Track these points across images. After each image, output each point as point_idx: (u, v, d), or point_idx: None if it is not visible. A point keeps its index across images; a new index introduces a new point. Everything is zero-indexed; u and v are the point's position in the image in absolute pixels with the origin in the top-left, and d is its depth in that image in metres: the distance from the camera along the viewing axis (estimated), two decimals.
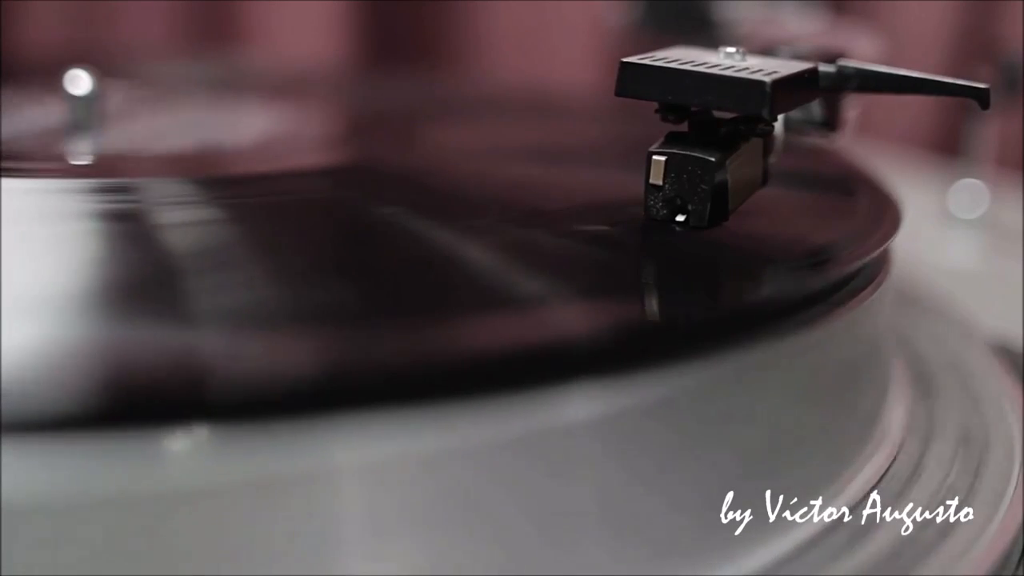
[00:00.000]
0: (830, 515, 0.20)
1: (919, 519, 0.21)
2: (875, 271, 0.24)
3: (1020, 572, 0.20)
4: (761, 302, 0.20)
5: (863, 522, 0.20)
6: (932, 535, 0.20)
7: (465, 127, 0.38)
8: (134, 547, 0.15)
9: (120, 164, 0.31)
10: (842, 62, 0.24)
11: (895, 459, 0.23)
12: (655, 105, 0.23)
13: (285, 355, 0.16)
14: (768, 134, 0.24)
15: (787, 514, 0.20)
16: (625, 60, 0.22)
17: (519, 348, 0.17)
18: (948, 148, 0.57)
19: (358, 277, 0.20)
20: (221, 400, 0.15)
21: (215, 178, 0.28)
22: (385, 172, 0.30)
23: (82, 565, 0.15)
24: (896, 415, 0.24)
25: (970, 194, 0.45)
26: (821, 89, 0.24)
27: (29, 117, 0.35)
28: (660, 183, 0.22)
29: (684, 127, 0.23)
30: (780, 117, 0.24)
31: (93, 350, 0.16)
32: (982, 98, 0.23)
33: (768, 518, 0.20)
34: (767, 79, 0.21)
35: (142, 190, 0.26)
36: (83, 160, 0.32)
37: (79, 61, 0.34)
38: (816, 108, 0.27)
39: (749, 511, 0.19)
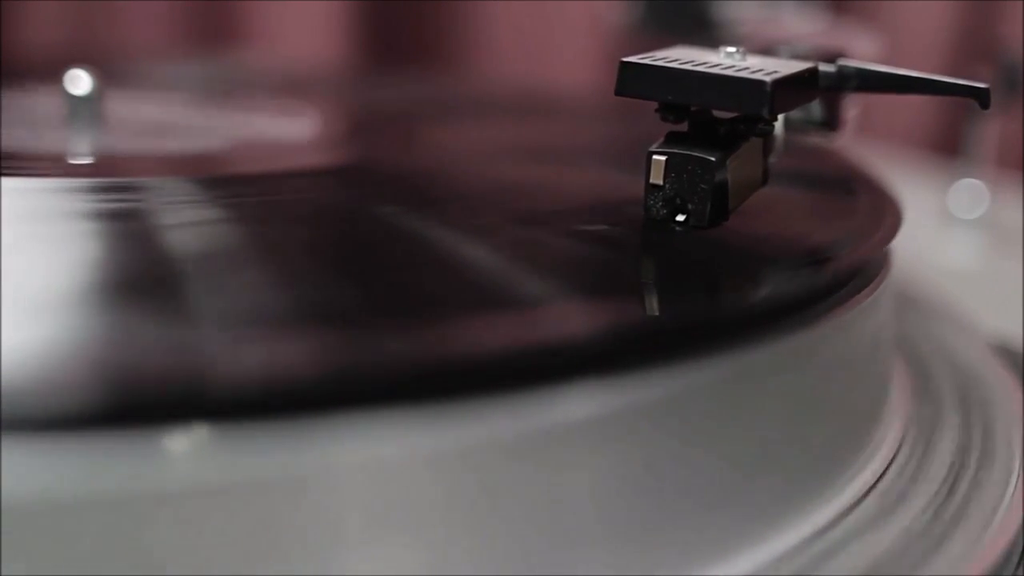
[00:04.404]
0: (830, 515, 0.20)
1: (919, 519, 0.21)
2: (875, 271, 0.24)
3: (1020, 572, 0.20)
4: (761, 302, 0.20)
5: (863, 522, 0.20)
6: (932, 535, 0.20)
7: (465, 127, 0.38)
8: (134, 547, 0.15)
9: (120, 164, 0.31)
10: (842, 62, 0.24)
11: (894, 459, 0.23)
12: (655, 105, 0.23)
13: (284, 355, 0.16)
14: (768, 134, 0.24)
15: (787, 514, 0.20)
16: (625, 60, 0.22)
17: (519, 348, 0.17)
18: (948, 148, 0.57)
19: (358, 277, 0.20)
20: (221, 400, 0.15)
21: (215, 178, 0.28)
22: (385, 172, 0.30)
23: (82, 565, 0.15)
24: (896, 415, 0.24)
25: (970, 194, 0.45)
26: (821, 89, 0.24)
27: (29, 117, 0.35)
28: (660, 183, 0.22)
29: (684, 127, 0.23)
30: (780, 117, 0.24)
31: (93, 350, 0.16)
32: (982, 98, 0.23)
33: (767, 518, 0.20)
34: (767, 79, 0.21)
35: (142, 190, 0.26)
36: (83, 160, 0.32)
37: (79, 61, 0.34)
38: (816, 108, 0.27)
39: (749, 511, 0.19)
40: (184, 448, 0.15)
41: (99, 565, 0.15)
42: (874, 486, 0.22)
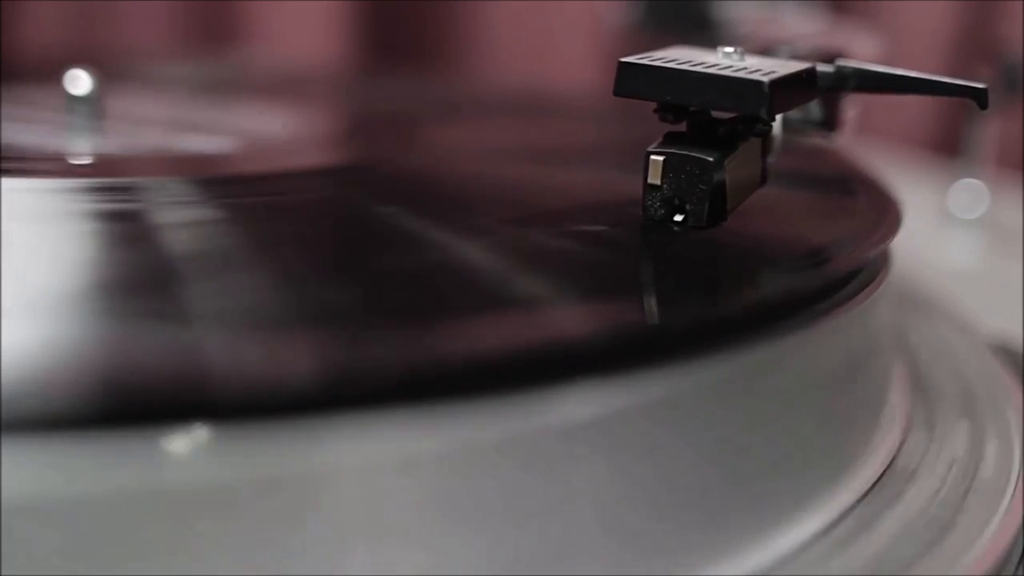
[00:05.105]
0: (830, 515, 0.20)
1: (918, 519, 0.21)
2: (875, 271, 0.24)
3: (1020, 572, 0.20)
4: (761, 302, 0.20)
5: (863, 522, 0.20)
6: (932, 534, 0.20)
7: (465, 127, 0.38)
8: (134, 547, 0.15)
9: (120, 164, 0.31)
10: (840, 62, 0.24)
11: (894, 459, 0.23)
12: (654, 105, 0.23)
13: (284, 355, 0.16)
14: (766, 134, 0.24)
15: (787, 514, 0.20)
16: (623, 60, 0.22)
17: (518, 348, 0.17)
18: (948, 148, 0.57)
19: (358, 277, 0.20)
20: (221, 400, 0.15)
21: (215, 178, 0.28)
22: (385, 172, 0.30)
23: (82, 565, 0.15)
24: (895, 415, 0.24)
25: (970, 194, 0.45)
26: (820, 89, 0.24)
27: (29, 117, 0.35)
28: (658, 183, 0.22)
29: (683, 127, 0.23)
30: (778, 117, 0.24)
31: (93, 350, 0.16)
32: (980, 98, 0.23)
33: (768, 518, 0.20)
34: (765, 79, 0.21)
35: (142, 190, 0.26)
36: (83, 160, 0.32)
37: (79, 61, 0.34)
38: (815, 108, 0.27)
39: (749, 511, 0.19)
40: (183, 449, 0.15)
41: (99, 565, 0.15)
42: (874, 486, 0.22)
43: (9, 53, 0.57)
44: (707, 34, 0.38)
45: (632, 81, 0.22)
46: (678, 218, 0.22)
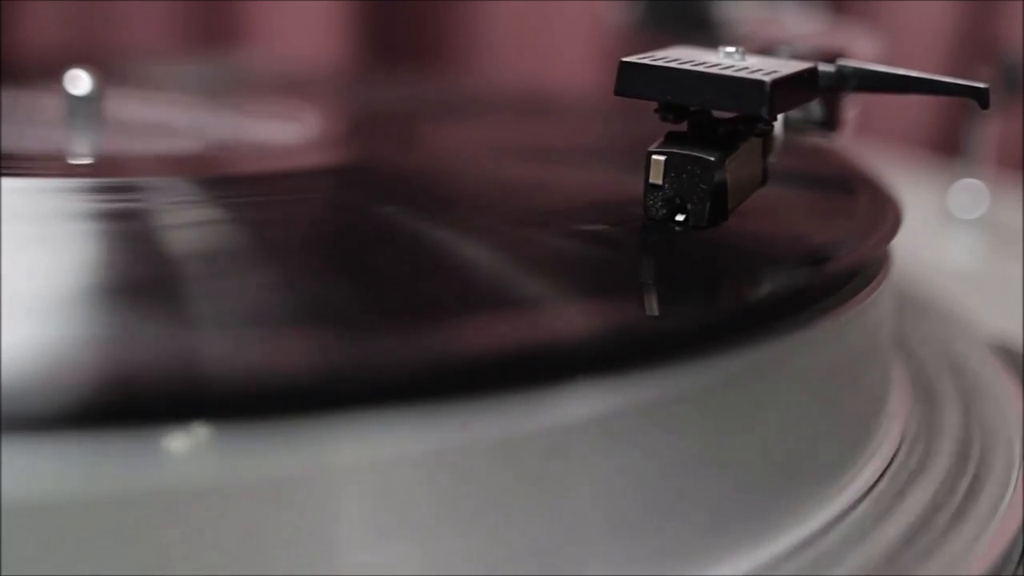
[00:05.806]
0: (830, 515, 0.20)
1: (919, 519, 0.21)
2: (875, 271, 0.24)
3: (1020, 572, 0.20)
4: (761, 302, 0.20)
5: (863, 522, 0.20)
6: (932, 535, 0.20)
7: (465, 127, 0.38)
8: (134, 547, 0.15)
9: (120, 164, 0.31)
10: (841, 62, 0.24)
11: (894, 459, 0.23)
12: (655, 105, 0.23)
13: (284, 355, 0.16)
14: (767, 134, 0.24)
15: (787, 514, 0.20)
16: (624, 60, 0.22)
17: (518, 348, 0.17)
18: (948, 148, 0.57)
19: (357, 277, 0.20)
20: (221, 400, 0.15)
21: (215, 178, 0.28)
22: (385, 172, 0.30)
23: (82, 565, 0.15)
24: (896, 415, 0.24)
25: (970, 194, 0.45)
26: (820, 89, 0.24)
27: (29, 117, 0.35)
28: (659, 183, 0.22)
29: (683, 127, 0.23)
30: (779, 116, 0.24)
31: (92, 349, 0.16)
32: (981, 98, 0.23)
33: (767, 518, 0.20)
34: (766, 78, 0.21)
35: (142, 190, 0.26)
36: (83, 160, 0.32)
37: (79, 61, 0.34)
38: (815, 108, 0.27)
39: (748, 511, 0.19)
40: (183, 448, 0.15)
41: (98, 565, 0.15)
42: (874, 486, 0.22)
43: (9, 53, 0.57)
44: (707, 34, 0.38)
45: (633, 81, 0.22)
46: (679, 218, 0.22)
